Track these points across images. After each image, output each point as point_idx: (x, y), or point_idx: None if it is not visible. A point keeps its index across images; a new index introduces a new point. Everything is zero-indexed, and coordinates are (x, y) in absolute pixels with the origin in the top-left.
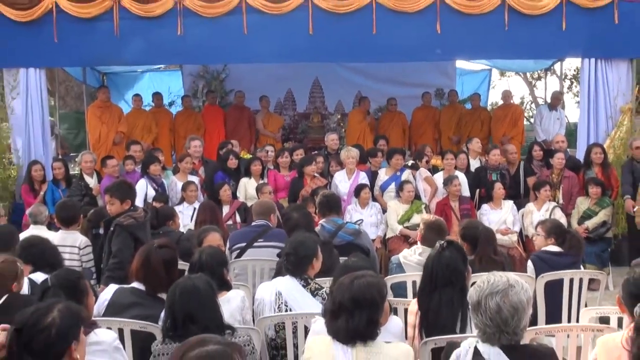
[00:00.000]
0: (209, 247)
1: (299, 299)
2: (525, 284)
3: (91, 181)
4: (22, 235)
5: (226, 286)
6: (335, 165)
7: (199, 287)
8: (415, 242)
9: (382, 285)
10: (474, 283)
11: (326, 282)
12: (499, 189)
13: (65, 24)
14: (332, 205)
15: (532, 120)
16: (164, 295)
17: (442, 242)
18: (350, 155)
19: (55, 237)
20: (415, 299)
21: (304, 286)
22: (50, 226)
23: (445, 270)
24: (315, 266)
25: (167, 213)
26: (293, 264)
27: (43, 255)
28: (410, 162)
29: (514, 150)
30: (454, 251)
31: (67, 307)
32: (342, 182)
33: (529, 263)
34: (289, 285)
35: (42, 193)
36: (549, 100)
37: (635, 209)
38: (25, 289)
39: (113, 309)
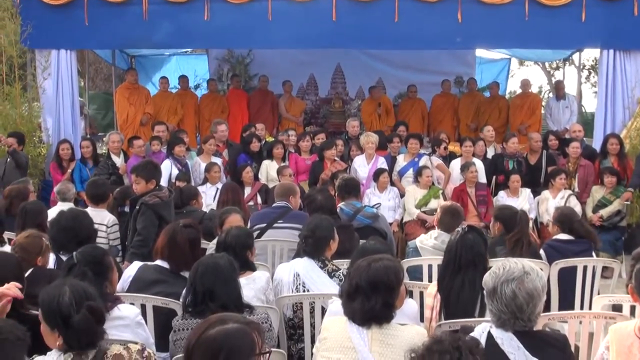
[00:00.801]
0: (235, 228)
1: (316, 280)
2: (540, 271)
3: (118, 160)
4: (50, 212)
5: (249, 267)
6: (355, 149)
7: (220, 265)
8: (432, 227)
9: (398, 268)
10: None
11: (344, 264)
12: (514, 181)
13: (96, 7)
14: (351, 188)
15: None
16: (187, 274)
17: (464, 226)
18: (369, 140)
19: None
20: (434, 282)
21: (321, 267)
22: (77, 203)
23: (470, 252)
24: (332, 247)
25: (191, 192)
26: (311, 245)
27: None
28: (421, 151)
29: (538, 138)
30: (476, 235)
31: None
32: (361, 167)
33: (541, 252)
34: (307, 266)
35: (69, 171)
36: (567, 91)
37: (627, 202)
38: (50, 265)
39: (137, 285)
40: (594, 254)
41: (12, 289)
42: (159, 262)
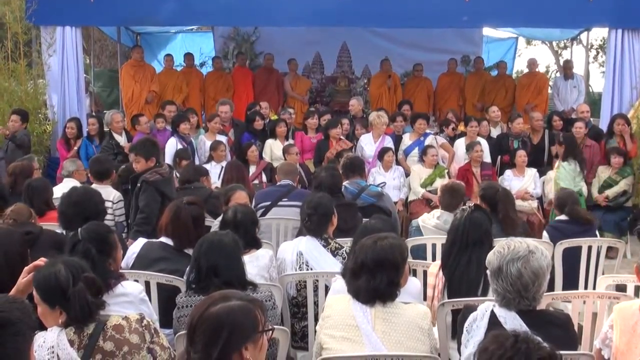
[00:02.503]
0: (242, 205)
1: (319, 259)
2: (545, 250)
3: (121, 139)
4: (56, 189)
5: (256, 244)
6: (360, 128)
7: (224, 242)
8: (437, 206)
9: (403, 247)
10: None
11: (347, 242)
12: (520, 156)
13: None
14: (356, 167)
15: None
16: (191, 251)
17: (470, 204)
18: (383, 121)
19: None
20: (436, 262)
21: (324, 246)
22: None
23: (477, 230)
24: (334, 222)
25: (201, 170)
26: (316, 222)
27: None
28: (427, 130)
29: (539, 117)
30: (482, 213)
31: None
32: (368, 145)
33: (544, 233)
34: (309, 245)
35: (75, 148)
36: (574, 70)
37: None
38: None
39: (141, 262)
40: (597, 233)
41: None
42: (163, 239)
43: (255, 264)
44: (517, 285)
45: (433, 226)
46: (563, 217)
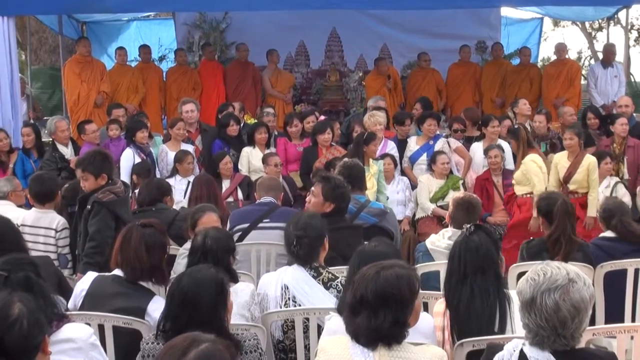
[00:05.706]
0: (214, 229)
1: (309, 293)
2: (588, 278)
3: (67, 151)
4: None
5: (232, 277)
6: (359, 130)
7: (201, 298)
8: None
9: (413, 278)
10: (521, 274)
11: (343, 272)
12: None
13: None
14: (354, 178)
15: None
16: (149, 284)
17: (469, 225)
18: (377, 121)
19: (27, 216)
20: (441, 299)
21: (314, 277)
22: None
23: (475, 256)
24: (325, 247)
25: (165, 187)
26: (307, 246)
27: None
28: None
29: (571, 112)
30: (483, 235)
31: (25, 297)
32: None
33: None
34: (297, 276)
35: (11, 165)
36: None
37: None
38: None
39: (92, 301)
40: None
41: None
42: (117, 271)
43: (234, 302)
44: (554, 321)
45: (445, 248)
46: (609, 233)
